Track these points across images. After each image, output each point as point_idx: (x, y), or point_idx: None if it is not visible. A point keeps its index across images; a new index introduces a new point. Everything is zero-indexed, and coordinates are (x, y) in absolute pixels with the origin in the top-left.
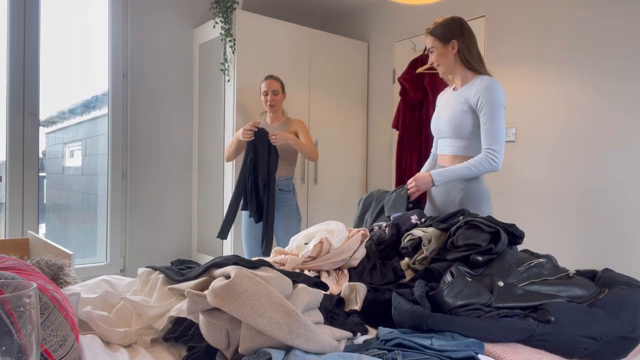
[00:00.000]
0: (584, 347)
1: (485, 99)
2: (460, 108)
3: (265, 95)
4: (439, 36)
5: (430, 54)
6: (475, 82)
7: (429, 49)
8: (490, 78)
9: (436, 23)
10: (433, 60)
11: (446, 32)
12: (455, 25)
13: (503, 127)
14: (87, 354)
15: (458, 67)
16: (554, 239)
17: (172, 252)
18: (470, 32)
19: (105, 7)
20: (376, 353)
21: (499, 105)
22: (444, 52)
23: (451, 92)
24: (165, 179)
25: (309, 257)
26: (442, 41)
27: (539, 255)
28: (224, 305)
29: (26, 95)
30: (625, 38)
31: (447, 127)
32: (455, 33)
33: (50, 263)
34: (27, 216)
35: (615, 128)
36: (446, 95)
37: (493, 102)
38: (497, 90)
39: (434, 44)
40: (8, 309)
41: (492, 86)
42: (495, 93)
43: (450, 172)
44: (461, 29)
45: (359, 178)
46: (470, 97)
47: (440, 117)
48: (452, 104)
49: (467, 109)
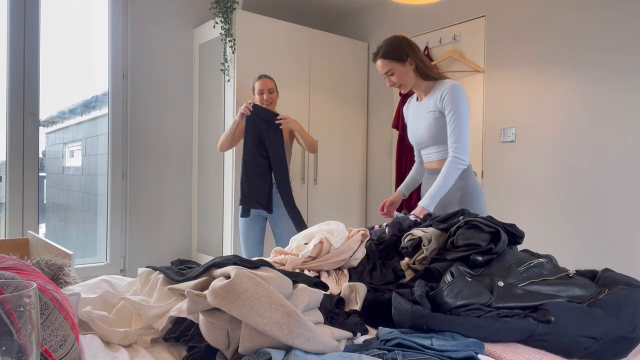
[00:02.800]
0: (584, 347)
1: (449, 100)
2: (433, 116)
3: (260, 94)
4: (396, 57)
5: (388, 77)
6: (439, 87)
7: (386, 72)
8: (451, 81)
9: (378, 47)
10: (394, 81)
11: (400, 51)
12: (405, 43)
13: (466, 125)
14: (87, 354)
15: (419, 81)
16: (554, 239)
17: (172, 252)
18: (416, 45)
19: (105, 7)
20: (376, 353)
21: (462, 105)
22: (404, 71)
23: (416, 103)
24: (165, 179)
25: (309, 257)
26: (400, 61)
27: (539, 255)
28: (224, 305)
29: (26, 95)
30: (625, 38)
31: (426, 137)
32: (408, 51)
33: (50, 263)
34: (27, 216)
35: (615, 128)
36: (412, 107)
37: (456, 103)
38: (459, 91)
39: (391, 66)
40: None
41: (455, 88)
42: (458, 93)
43: (435, 194)
44: (410, 45)
45: (359, 178)
46: (437, 101)
47: (417, 129)
48: (423, 114)
49: (439, 115)
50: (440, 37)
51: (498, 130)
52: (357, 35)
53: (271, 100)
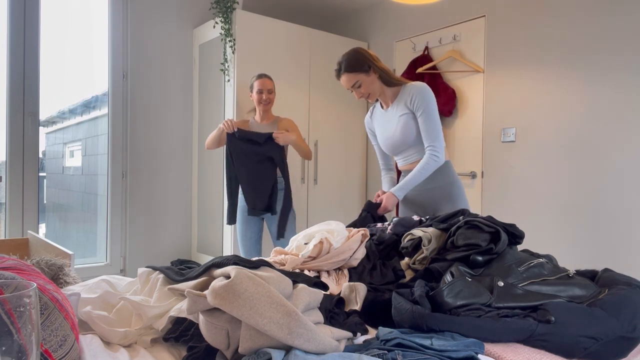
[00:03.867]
0: (584, 347)
1: (420, 101)
2: (406, 118)
3: (259, 93)
4: (359, 68)
5: (355, 90)
6: (407, 90)
7: (352, 85)
8: (417, 83)
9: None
10: (362, 92)
11: (362, 62)
12: (365, 55)
13: (439, 123)
14: (87, 354)
15: (384, 89)
16: (554, 239)
17: (172, 252)
18: (375, 55)
19: (105, 7)
20: (376, 353)
21: (432, 104)
22: (370, 81)
23: (382, 111)
24: (165, 179)
25: (309, 257)
26: (363, 72)
27: (539, 255)
28: (224, 305)
29: (26, 95)
30: (625, 38)
31: (403, 140)
32: (370, 62)
33: (50, 263)
34: (27, 216)
35: (615, 128)
36: (378, 116)
37: (427, 103)
38: (429, 91)
39: (357, 78)
40: (8, 309)
41: (424, 89)
42: (428, 94)
43: (406, 184)
44: (370, 55)
45: (359, 178)
46: (407, 103)
47: (393, 135)
48: (395, 120)
49: (412, 116)
50: (440, 37)
51: (498, 130)
52: (357, 35)
53: (269, 100)
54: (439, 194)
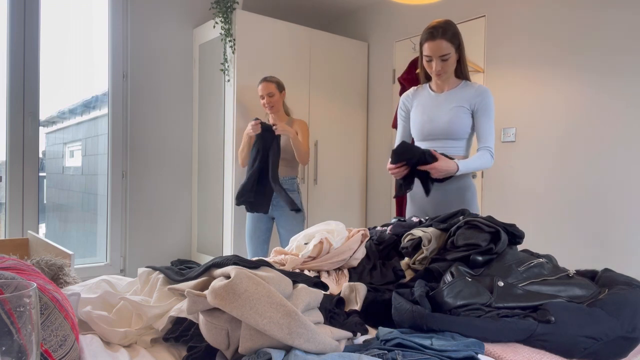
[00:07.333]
0: (584, 347)
1: (486, 103)
2: (459, 111)
3: (261, 99)
4: (457, 42)
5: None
6: (472, 87)
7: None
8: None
9: (439, 26)
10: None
11: (459, 38)
12: (457, 30)
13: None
14: (87, 354)
15: (451, 74)
16: (554, 239)
17: (172, 252)
18: None
19: (106, 7)
20: (376, 353)
21: (493, 109)
22: (454, 59)
23: (431, 94)
24: (165, 179)
25: (309, 257)
26: (456, 47)
27: (539, 255)
28: (224, 305)
29: (26, 95)
30: (625, 38)
31: (448, 130)
32: (460, 38)
33: (50, 263)
34: (27, 216)
35: (615, 128)
36: (425, 97)
37: (491, 106)
38: (491, 97)
39: (450, 50)
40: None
41: (490, 93)
42: (492, 99)
43: (467, 165)
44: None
45: (359, 178)
46: (470, 99)
47: (437, 120)
48: (446, 107)
49: (465, 111)
50: None
51: (498, 130)
52: (357, 35)
53: (272, 103)
54: (453, 196)
